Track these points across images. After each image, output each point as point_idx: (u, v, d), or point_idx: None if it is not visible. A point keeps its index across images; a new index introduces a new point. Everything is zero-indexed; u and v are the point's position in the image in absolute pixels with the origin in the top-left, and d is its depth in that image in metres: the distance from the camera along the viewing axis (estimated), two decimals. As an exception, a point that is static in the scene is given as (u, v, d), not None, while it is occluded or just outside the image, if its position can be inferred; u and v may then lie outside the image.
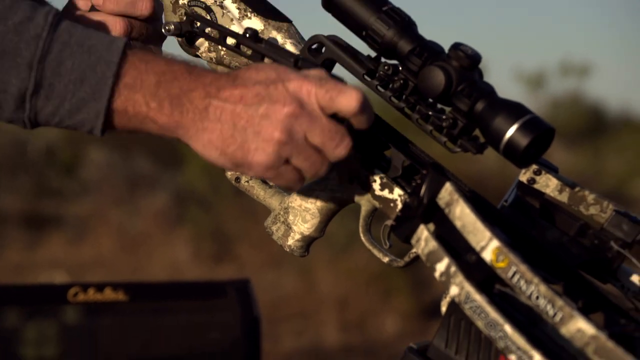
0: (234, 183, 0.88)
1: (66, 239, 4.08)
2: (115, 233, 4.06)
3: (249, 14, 0.85)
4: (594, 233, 0.80)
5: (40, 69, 0.70)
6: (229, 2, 0.85)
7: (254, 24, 0.85)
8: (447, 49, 0.76)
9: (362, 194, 0.82)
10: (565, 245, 0.80)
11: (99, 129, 0.72)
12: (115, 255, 3.89)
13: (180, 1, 0.86)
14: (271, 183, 0.86)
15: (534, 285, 0.70)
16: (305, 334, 3.59)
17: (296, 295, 3.75)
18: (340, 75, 0.76)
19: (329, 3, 0.80)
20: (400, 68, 0.78)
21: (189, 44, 0.86)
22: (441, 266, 0.73)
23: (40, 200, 4.26)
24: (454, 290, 0.71)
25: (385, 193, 0.81)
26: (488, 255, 0.71)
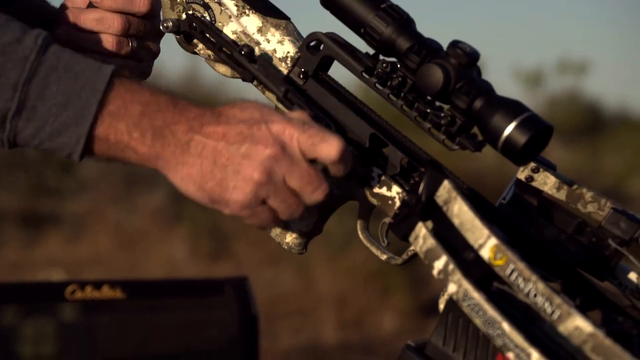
0: None
1: (64, 237, 4.07)
2: (113, 231, 4.06)
3: (247, 11, 0.85)
4: (591, 231, 0.80)
5: (25, 91, 0.70)
6: None
7: (252, 21, 0.85)
8: (446, 46, 0.76)
9: (360, 192, 0.82)
10: (563, 243, 0.80)
11: (78, 154, 0.72)
12: (112, 253, 3.89)
13: (178, -2, 0.86)
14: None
15: (531, 283, 0.70)
16: (303, 332, 3.59)
17: (294, 292, 3.76)
18: (323, 118, 0.76)
19: (327, 0, 0.80)
20: (398, 65, 0.78)
21: (186, 41, 0.86)
22: (439, 264, 0.73)
23: (37, 198, 4.26)
24: (452, 287, 0.71)
25: (384, 191, 0.81)
26: (486, 253, 0.71)
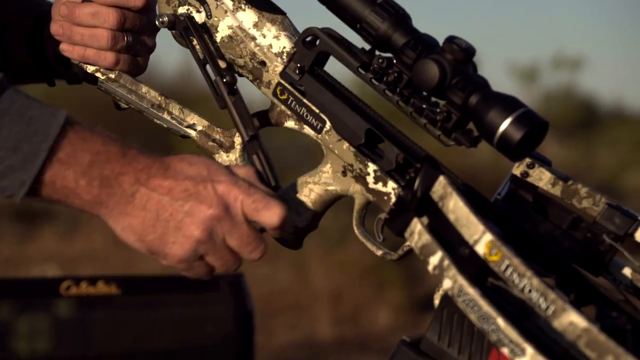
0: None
1: (58, 233, 4.06)
2: (108, 227, 4.04)
3: (242, 6, 0.85)
4: (586, 226, 0.80)
5: None
6: None
7: (248, 16, 0.85)
8: (442, 42, 0.76)
9: (356, 187, 0.82)
10: (557, 239, 0.80)
11: (20, 197, 0.73)
12: (107, 249, 3.88)
13: (174, -7, 0.85)
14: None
15: (526, 279, 0.70)
16: (299, 328, 3.59)
17: (290, 288, 3.76)
18: (274, 174, 0.78)
19: (323, -5, 0.79)
20: (394, 61, 0.78)
21: (182, 36, 0.85)
22: (434, 259, 0.73)
23: (32, 194, 4.24)
24: (447, 283, 0.72)
25: (379, 186, 0.81)
26: (481, 249, 0.71)
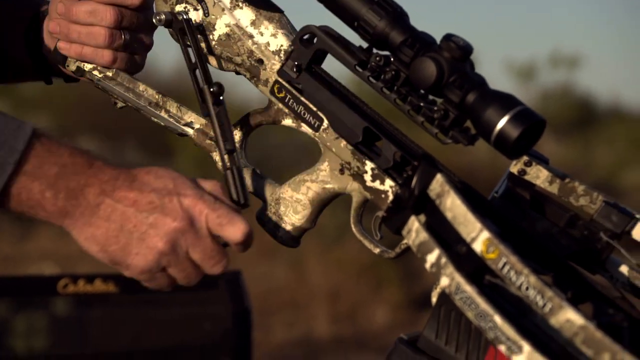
0: (224, 174, 0.88)
1: (56, 231, 4.06)
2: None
3: (240, 4, 0.85)
4: (583, 224, 0.80)
5: None
6: None
7: (245, 14, 0.85)
8: (439, 40, 0.76)
9: (353, 185, 0.82)
10: (555, 236, 0.80)
11: None
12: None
13: (171, -9, 0.85)
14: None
15: (523, 276, 0.70)
16: (297, 325, 3.60)
17: (287, 286, 3.76)
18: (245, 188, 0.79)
19: (321, -7, 0.79)
20: (391, 59, 0.78)
21: (177, 37, 0.85)
22: (432, 257, 0.73)
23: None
24: (444, 281, 0.72)
25: (377, 184, 0.81)
26: (478, 247, 0.71)
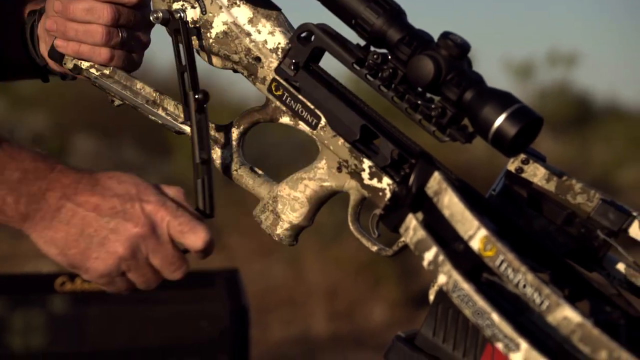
0: (222, 172, 0.88)
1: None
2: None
3: (237, 2, 0.85)
4: (580, 222, 0.80)
5: None
6: None
7: (242, 12, 0.85)
8: (437, 38, 0.76)
9: (351, 183, 0.82)
10: (552, 234, 0.80)
11: None
12: (103, 244, 3.87)
13: (169, -12, 0.85)
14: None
15: (521, 274, 0.70)
16: (294, 323, 3.60)
17: (285, 284, 3.76)
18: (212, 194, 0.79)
19: (318, -9, 0.79)
20: (389, 57, 0.78)
21: (171, 37, 0.85)
22: (429, 255, 0.73)
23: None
24: (442, 278, 0.72)
25: (374, 182, 0.81)
26: (476, 244, 0.71)
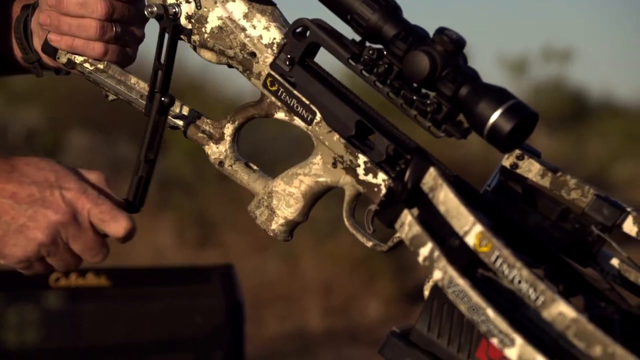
0: (217, 167, 0.88)
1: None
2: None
3: (232, -3, 0.84)
4: (575, 217, 0.80)
5: None
6: None
7: (237, 7, 0.84)
8: (432, 33, 0.76)
9: (346, 179, 0.82)
10: (546, 230, 0.80)
11: None
12: (97, 240, 3.86)
13: (163, -17, 0.85)
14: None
15: (516, 270, 0.70)
16: (289, 319, 3.60)
17: (280, 280, 3.76)
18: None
19: (313, -14, 0.79)
20: (384, 52, 0.78)
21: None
22: (425, 251, 0.73)
23: (21, 185, 4.20)
24: (437, 274, 0.72)
25: (369, 178, 0.81)
26: (471, 240, 0.72)
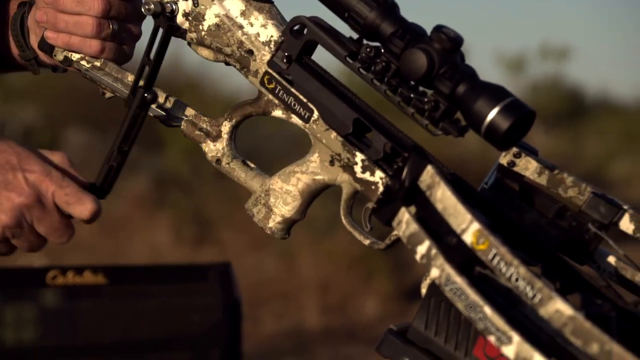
0: (214, 165, 0.88)
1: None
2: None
3: (229, -6, 0.84)
4: (572, 215, 0.80)
5: None
6: None
7: (235, 4, 0.84)
8: (429, 31, 0.76)
9: (344, 177, 0.82)
10: (543, 227, 0.80)
11: None
12: (94, 238, 3.87)
13: (160, -20, 0.85)
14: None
15: (513, 267, 0.70)
16: (287, 317, 3.60)
17: (277, 278, 3.76)
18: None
19: (311, -16, 0.79)
20: (382, 50, 0.78)
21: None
22: (422, 248, 0.73)
23: (18, 183, 4.19)
24: (434, 272, 0.72)
25: (367, 176, 0.81)
26: (469, 238, 0.72)
